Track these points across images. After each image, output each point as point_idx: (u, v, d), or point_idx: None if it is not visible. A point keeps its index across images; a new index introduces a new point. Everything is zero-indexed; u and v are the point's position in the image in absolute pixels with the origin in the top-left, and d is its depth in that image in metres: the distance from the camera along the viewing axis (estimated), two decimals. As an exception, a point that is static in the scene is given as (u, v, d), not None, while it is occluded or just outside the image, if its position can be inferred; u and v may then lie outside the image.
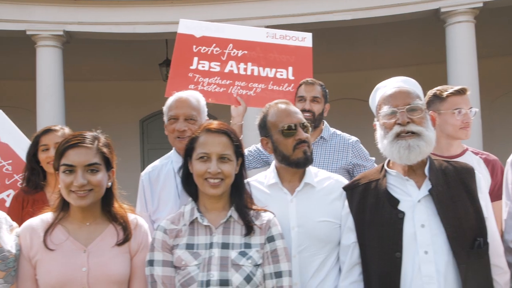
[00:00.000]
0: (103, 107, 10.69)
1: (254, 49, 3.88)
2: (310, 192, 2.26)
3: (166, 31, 7.88)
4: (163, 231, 2.00)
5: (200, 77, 3.72)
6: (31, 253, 1.91)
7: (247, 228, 1.99)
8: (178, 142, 2.61)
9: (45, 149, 2.94)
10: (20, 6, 7.45)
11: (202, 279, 1.88)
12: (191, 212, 2.03)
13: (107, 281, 1.91)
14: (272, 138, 2.25)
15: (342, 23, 7.45)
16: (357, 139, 3.43)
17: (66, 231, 1.96)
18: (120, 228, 2.01)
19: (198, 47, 3.81)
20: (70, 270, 1.88)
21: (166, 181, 2.64)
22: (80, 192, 1.90)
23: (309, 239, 2.18)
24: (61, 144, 1.94)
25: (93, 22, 7.70)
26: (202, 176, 1.96)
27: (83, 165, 1.90)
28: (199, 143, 2.00)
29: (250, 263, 1.92)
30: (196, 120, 2.62)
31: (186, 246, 1.96)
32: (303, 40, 3.95)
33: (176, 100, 2.66)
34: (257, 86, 3.74)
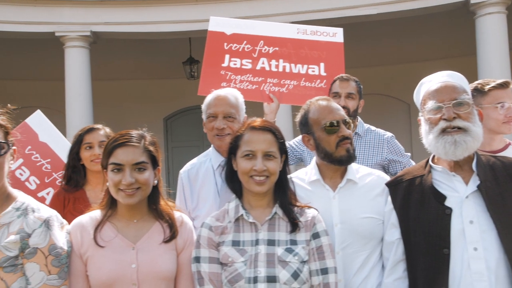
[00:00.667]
0: (127, 106, 10.82)
1: (285, 45, 3.87)
2: (353, 188, 2.25)
3: (190, 29, 7.94)
4: (208, 228, 2.01)
5: (232, 74, 3.73)
6: (82, 250, 1.95)
7: (292, 224, 1.99)
8: (217, 140, 2.63)
9: (89, 147, 2.99)
10: (49, 8, 7.58)
11: (250, 275, 1.89)
12: (235, 209, 2.04)
13: (155, 278, 1.94)
14: (314, 135, 2.24)
15: (367, 18, 7.37)
16: (392, 134, 3.40)
17: (115, 228, 1.99)
18: (166, 226, 2.04)
19: (229, 45, 3.82)
20: (120, 266, 1.91)
21: (205, 179, 2.66)
22: (128, 190, 1.93)
23: (352, 236, 2.17)
24: (109, 143, 1.98)
25: (119, 22, 7.79)
26: (247, 173, 1.97)
27: (131, 163, 1.94)
28: (243, 140, 2.01)
29: (297, 259, 1.92)
30: (235, 118, 2.63)
31: (232, 243, 1.97)
32: (334, 36, 3.92)
33: (214, 98, 2.68)
34: (289, 83, 3.74)
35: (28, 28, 7.57)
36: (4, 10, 7.42)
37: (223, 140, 2.61)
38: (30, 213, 1.90)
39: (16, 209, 1.90)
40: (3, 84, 9.80)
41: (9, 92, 9.16)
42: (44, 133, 3.59)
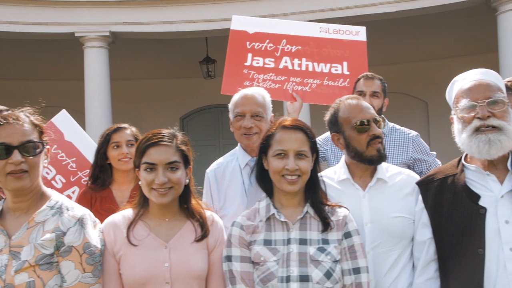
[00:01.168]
0: (144, 105, 10.88)
1: (308, 44, 3.86)
2: (383, 187, 2.24)
3: (208, 28, 7.97)
4: (239, 227, 2.02)
5: (255, 73, 3.73)
6: (115, 249, 1.96)
7: (324, 224, 1.99)
8: (245, 139, 2.63)
9: (116, 146, 3.01)
10: (68, 9, 7.67)
11: (282, 274, 1.89)
12: (266, 208, 2.04)
13: (188, 277, 1.94)
14: (344, 134, 2.23)
15: (386, 16, 7.30)
16: (417, 133, 3.37)
17: (147, 227, 2.00)
18: (197, 225, 2.04)
19: (251, 43, 3.82)
20: (153, 265, 1.92)
21: (232, 178, 2.66)
22: (161, 190, 1.94)
23: (383, 235, 2.16)
24: (142, 143, 1.99)
25: (137, 22, 7.84)
26: (279, 172, 1.97)
27: (163, 163, 1.94)
28: (275, 140, 2.00)
29: (329, 259, 1.92)
30: (263, 116, 2.63)
31: (264, 242, 1.97)
32: (357, 34, 3.90)
33: (242, 97, 2.68)
34: (312, 82, 3.73)
35: (49, 29, 7.67)
36: (26, 11, 7.52)
37: (251, 139, 2.62)
38: (65, 211, 1.92)
39: (50, 208, 1.92)
40: (24, 84, 9.93)
41: (29, 92, 9.27)
42: (69, 132, 3.63)
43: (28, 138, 1.87)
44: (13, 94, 9.22)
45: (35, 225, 1.88)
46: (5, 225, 1.90)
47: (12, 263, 1.81)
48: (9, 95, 9.38)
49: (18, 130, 1.87)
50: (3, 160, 1.84)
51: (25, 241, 1.85)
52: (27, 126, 1.90)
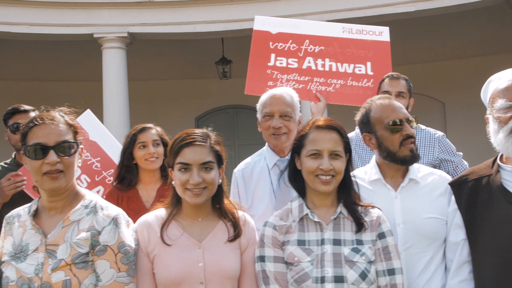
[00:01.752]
0: (160, 105, 10.93)
1: (331, 44, 3.85)
2: (415, 188, 2.22)
3: (225, 29, 7.99)
4: (272, 227, 2.01)
5: (279, 73, 3.73)
6: (149, 248, 1.97)
7: (358, 224, 1.98)
8: (273, 139, 2.63)
9: (143, 146, 3.02)
10: (87, 11, 7.74)
11: (317, 275, 1.89)
12: (299, 208, 2.03)
13: (222, 277, 1.94)
14: (377, 134, 2.22)
15: (405, 15, 7.25)
16: (443, 133, 3.34)
17: (181, 226, 2.01)
18: (230, 225, 2.04)
19: (274, 44, 3.83)
20: (187, 265, 1.92)
21: (260, 178, 2.66)
22: (195, 190, 1.94)
23: (415, 236, 2.14)
24: (176, 143, 1.99)
25: (155, 23, 7.88)
26: (313, 172, 1.96)
27: (198, 163, 1.94)
28: (309, 139, 1.99)
29: (364, 259, 1.91)
30: (291, 116, 2.63)
31: (298, 242, 1.96)
32: (380, 35, 3.89)
33: (270, 97, 2.68)
34: (336, 82, 3.72)
35: (68, 31, 7.75)
36: (45, 13, 7.61)
37: (279, 139, 2.61)
38: (99, 210, 1.93)
39: (85, 207, 1.94)
40: (42, 85, 10.04)
41: (47, 93, 9.38)
42: (94, 132, 3.66)
43: (64, 138, 1.89)
44: (31, 95, 9.34)
45: (70, 224, 1.89)
46: (40, 223, 1.92)
47: (48, 262, 1.83)
48: (28, 96, 9.50)
49: (53, 130, 1.89)
50: (39, 160, 1.85)
51: (60, 240, 1.86)
52: (62, 126, 1.92)
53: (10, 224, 1.98)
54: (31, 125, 1.91)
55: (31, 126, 1.91)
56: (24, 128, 1.93)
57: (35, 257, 1.85)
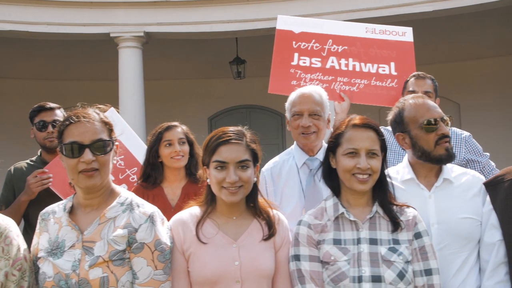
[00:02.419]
0: (173, 105, 10.95)
1: (354, 44, 3.84)
2: (449, 188, 2.20)
3: (242, 29, 7.99)
4: (307, 226, 2.00)
5: (302, 73, 3.72)
6: (184, 246, 1.96)
7: (394, 224, 1.96)
8: (302, 138, 2.62)
9: (169, 144, 3.03)
10: (104, 10, 7.77)
11: (354, 274, 1.87)
12: (334, 207, 2.02)
13: (258, 275, 1.93)
14: (411, 134, 2.20)
15: (422, 15, 7.19)
16: (469, 133, 3.30)
17: (216, 225, 2.00)
18: (264, 223, 2.03)
19: (297, 43, 3.82)
20: (224, 263, 1.91)
21: (289, 177, 2.65)
22: (231, 188, 1.93)
23: (450, 237, 2.12)
24: (212, 140, 1.98)
25: (172, 22, 7.90)
26: (349, 171, 1.95)
27: (235, 161, 1.94)
28: (345, 138, 1.98)
29: (401, 259, 1.89)
30: (320, 115, 2.61)
31: (333, 241, 1.95)
32: (404, 35, 3.88)
33: (299, 96, 2.67)
34: (360, 82, 3.70)
35: (85, 30, 7.78)
36: (63, 13, 7.65)
37: (309, 139, 2.60)
38: (135, 208, 1.93)
39: (120, 204, 1.94)
40: (57, 84, 10.10)
41: (63, 92, 9.45)
42: (117, 130, 3.66)
43: (99, 137, 1.89)
44: (48, 95, 9.41)
45: (106, 221, 1.90)
46: (76, 220, 1.93)
47: (85, 258, 1.83)
48: (44, 96, 9.58)
49: (89, 129, 1.89)
50: (75, 158, 1.86)
51: (97, 237, 1.87)
52: (98, 124, 1.92)
53: (45, 220, 1.99)
54: (67, 123, 1.91)
55: (67, 124, 1.91)
56: (60, 126, 1.94)
57: (72, 254, 1.85)
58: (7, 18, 7.39)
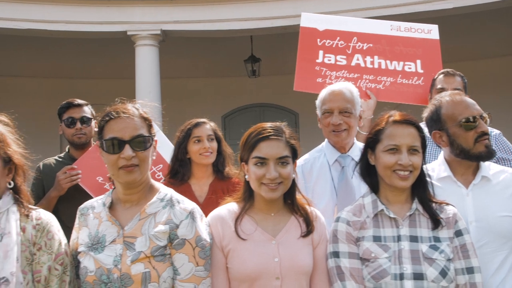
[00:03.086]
0: (187, 103, 10.97)
1: (379, 42, 3.82)
2: (487, 185, 2.18)
3: (258, 26, 7.99)
4: (346, 223, 1.99)
5: (327, 70, 3.71)
6: (223, 243, 1.96)
7: (434, 221, 1.95)
8: (334, 136, 2.60)
9: (198, 140, 3.03)
10: (121, 8, 7.82)
11: (395, 272, 1.86)
12: (373, 204, 2.01)
13: (297, 272, 1.93)
14: (449, 131, 2.18)
15: (442, 13, 7.11)
16: (499, 131, 3.27)
17: (254, 221, 2.00)
18: (302, 220, 2.03)
19: (322, 41, 3.81)
20: (263, 260, 1.91)
21: (320, 175, 2.64)
22: (271, 184, 1.93)
23: (489, 235, 2.10)
24: (252, 137, 1.98)
25: (188, 20, 7.92)
26: (390, 168, 1.94)
27: (275, 157, 1.93)
28: (386, 134, 1.97)
29: (443, 257, 1.88)
30: (351, 112, 2.59)
31: (373, 238, 1.94)
32: (429, 33, 3.86)
33: (329, 93, 2.65)
34: (386, 80, 3.68)
35: (103, 28, 7.83)
36: (81, 11, 7.71)
37: (340, 136, 2.59)
38: (176, 204, 1.93)
39: (160, 200, 1.94)
40: (74, 83, 10.17)
41: (79, 90, 9.51)
42: None
43: (139, 133, 1.89)
44: (64, 93, 9.48)
45: (147, 217, 1.90)
46: (116, 216, 1.93)
47: (126, 253, 1.83)
48: (61, 94, 9.65)
49: (129, 125, 1.89)
50: (115, 154, 1.86)
51: (138, 232, 1.87)
52: (137, 120, 1.92)
53: (84, 215, 2.00)
54: (107, 119, 1.92)
55: (107, 119, 1.92)
56: (100, 121, 1.95)
57: (113, 249, 1.86)
58: (27, 16, 7.46)
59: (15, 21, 7.39)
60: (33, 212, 1.91)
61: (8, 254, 1.74)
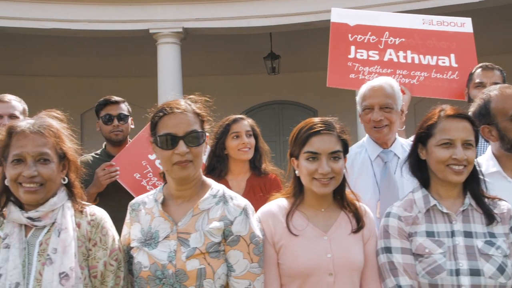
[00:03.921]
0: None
1: (412, 36, 3.78)
2: None
3: (279, 23, 7.97)
4: (397, 218, 1.98)
5: (360, 66, 3.68)
6: (275, 239, 1.95)
7: (488, 216, 1.92)
8: (375, 132, 2.58)
9: (236, 136, 3.04)
10: (143, 7, 7.86)
11: (451, 267, 1.84)
12: (424, 199, 1.99)
13: (350, 268, 1.92)
14: (499, 126, 2.16)
15: (468, 7, 6.98)
16: None
17: (305, 217, 1.99)
18: (352, 215, 2.02)
19: (353, 36, 3.78)
20: (316, 256, 1.90)
21: (362, 170, 2.62)
22: (323, 179, 1.92)
23: None
24: (303, 131, 1.97)
25: (209, 18, 7.94)
26: (444, 162, 1.92)
27: (327, 152, 1.92)
28: (439, 129, 1.95)
29: (500, 253, 1.86)
30: (392, 108, 2.57)
31: (426, 233, 1.93)
32: (463, 26, 3.80)
33: (369, 89, 2.63)
34: (420, 75, 3.64)
35: (125, 27, 7.89)
36: (103, 10, 7.78)
37: (381, 132, 2.57)
38: (229, 200, 1.93)
39: (213, 196, 1.94)
40: (94, 82, 10.25)
41: (99, 89, 9.58)
42: None
43: (192, 128, 1.88)
44: (84, 92, 9.57)
45: (200, 213, 1.90)
46: (168, 211, 1.93)
47: (181, 249, 1.83)
48: (81, 93, 9.74)
49: (183, 120, 1.88)
50: (169, 150, 1.86)
51: (191, 229, 1.87)
52: (191, 116, 1.92)
53: (135, 211, 2.01)
54: (161, 115, 1.92)
55: (160, 115, 1.92)
56: (154, 117, 1.95)
57: (167, 244, 1.86)
58: (51, 16, 7.54)
59: (40, 21, 7.49)
60: (86, 208, 1.93)
61: (67, 250, 1.77)
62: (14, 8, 7.46)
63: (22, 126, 1.84)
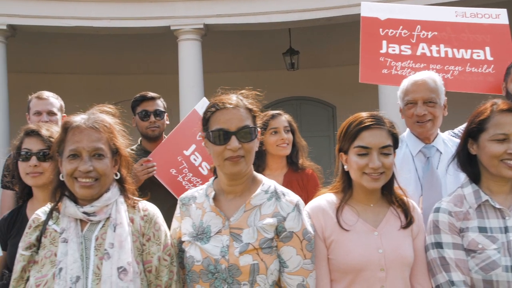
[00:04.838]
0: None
1: (444, 29, 3.73)
2: None
3: (299, 19, 7.94)
4: (448, 213, 1.97)
5: (392, 61, 3.64)
6: (325, 234, 1.95)
7: (542, 212, 1.90)
8: (418, 127, 2.56)
9: (274, 132, 3.04)
10: (164, 3, 7.88)
11: (506, 263, 1.83)
12: (475, 194, 1.98)
13: (401, 264, 1.92)
14: None
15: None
16: None
17: (355, 212, 1.99)
18: (400, 211, 2.01)
19: (385, 30, 3.73)
20: (368, 251, 1.90)
21: (403, 165, 2.59)
22: (374, 174, 1.91)
23: None
24: (353, 126, 1.96)
25: (230, 14, 7.93)
26: (498, 157, 1.90)
27: (378, 147, 1.92)
28: (492, 123, 1.93)
29: None
30: (436, 102, 2.55)
31: (479, 229, 1.91)
32: (497, 17, 3.73)
33: (412, 83, 2.61)
34: (454, 69, 3.59)
35: (146, 23, 7.92)
36: (125, 7, 7.81)
37: (424, 127, 2.55)
38: (281, 196, 1.92)
39: (265, 192, 1.93)
40: (114, 79, 10.33)
41: (119, 86, 9.66)
42: None
43: (244, 124, 1.88)
44: (104, 89, 9.64)
45: (252, 209, 1.90)
46: (220, 206, 1.93)
47: (233, 245, 1.84)
48: (101, 90, 9.82)
49: (235, 116, 1.87)
50: (222, 146, 1.86)
51: (243, 224, 1.87)
52: (243, 111, 1.90)
53: (186, 205, 2.02)
54: (213, 110, 1.92)
55: (213, 110, 1.92)
56: (206, 112, 1.95)
57: (219, 239, 1.87)
58: (73, 14, 7.60)
59: (63, 19, 7.55)
60: (139, 203, 1.95)
61: (123, 244, 1.79)
62: (37, 6, 7.54)
63: (77, 122, 1.86)
